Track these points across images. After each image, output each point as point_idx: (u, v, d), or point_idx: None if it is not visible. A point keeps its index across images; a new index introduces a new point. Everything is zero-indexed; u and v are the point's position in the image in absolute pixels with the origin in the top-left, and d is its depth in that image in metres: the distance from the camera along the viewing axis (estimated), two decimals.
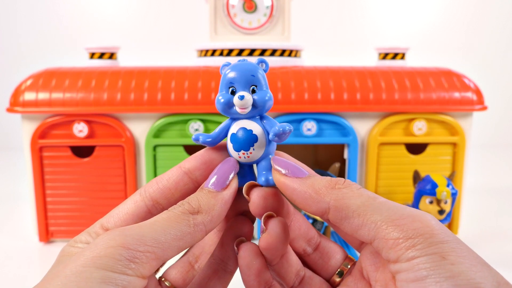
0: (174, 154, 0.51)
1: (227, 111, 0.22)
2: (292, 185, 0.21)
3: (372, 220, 0.18)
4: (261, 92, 0.22)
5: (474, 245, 0.53)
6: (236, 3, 0.55)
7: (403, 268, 0.17)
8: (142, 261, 0.18)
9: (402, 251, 0.17)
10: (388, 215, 0.18)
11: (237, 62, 0.23)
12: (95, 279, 0.16)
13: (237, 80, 0.22)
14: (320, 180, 0.20)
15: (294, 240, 0.24)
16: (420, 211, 0.19)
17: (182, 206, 0.20)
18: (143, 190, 0.23)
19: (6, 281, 0.43)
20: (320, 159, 0.65)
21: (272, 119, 0.23)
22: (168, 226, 0.19)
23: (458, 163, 0.52)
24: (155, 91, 0.49)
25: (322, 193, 0.20)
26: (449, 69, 0.54)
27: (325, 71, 0.52)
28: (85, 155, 0.51)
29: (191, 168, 0.23)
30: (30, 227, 0.57)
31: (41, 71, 0.52)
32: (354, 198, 0.19)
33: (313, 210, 0.20)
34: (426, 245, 0.17)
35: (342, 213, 0.19)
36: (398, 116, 0.51)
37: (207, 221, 0.20)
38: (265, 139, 0.22)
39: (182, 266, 0.25)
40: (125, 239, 0.18)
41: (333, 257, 0.24)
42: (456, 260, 0.17)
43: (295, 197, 0.21)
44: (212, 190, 0.21)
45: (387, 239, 0.18)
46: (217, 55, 0.55)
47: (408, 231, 0.17)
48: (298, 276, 0.23)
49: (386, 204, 0.19)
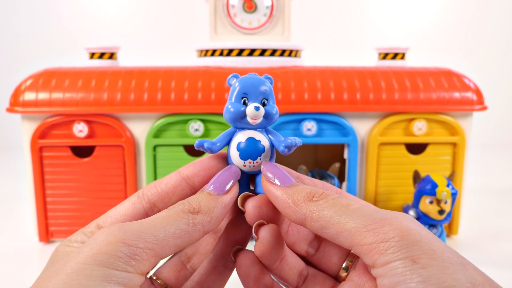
0: (174, 154, 0.51)
1: (238, 120, 0.23)
2: (275, 192, 0.21)
3: (345, 228, 0.19)
4: (270, 106, 0.23)
5: (474, 245, 0.53)
6: (236, 3, 0.55)
7: (379, 274, 0.17)
8: (142, 258, 0.18)
9: (377, 256, 0.17)
10: (360, 222, 0.18)
11: (248, 75, 0.24)
12: (96, 277, 0.16)
13: (251, 92, 0.23)
14: (300, 191, 0.21)
15: (295, 244, 0.24)
16: (394, 212, 0.19)
17: (182, 205, 0.21)
18: (141, 193, 0.23)
19: (6, 281, 0.43)
20: (320, 159, 0.65)
21: (276, 132, 0.24)
22: (167, 223, 0.19)
23: (458, 163, 0.52)
24: (155, 91, 0.49)
25: (300, 204, 0.20)
26: (449, 69, 0.54)
27: (325, 71, 0.52)
28: (85, 155, 0.51)
29: (189, 175, 0.23)
30: (30, 227, 0.57)
31: (41, 71, 0.52)
32: (327, 209, 0.19)
33: (292, 219, 0.21)
34: (397, 248, 0.17)
35: (317, 224, 0.20)
36: (398, 116, 0.51)
37: (206, 222, 0.20)
38: (270, 151, 0.24)
39: (175, 265, 0.25)
40: (125, 235, 0.18)
41: (336, 254, 0.24)
42: (427, 263, 0.16)
43: (276, 204, 0.21)
44: (213, 193, 0.22)
45: (362, 245, 0.18)
46: (217, 55, 0.54)
47: (379, 235, 0.18)
48: (301, 276, 0.23)
49: (359, 210, 0.19)
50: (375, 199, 0.53)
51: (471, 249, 0.51)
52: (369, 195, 0.52)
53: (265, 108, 0.23)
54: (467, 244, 0.53)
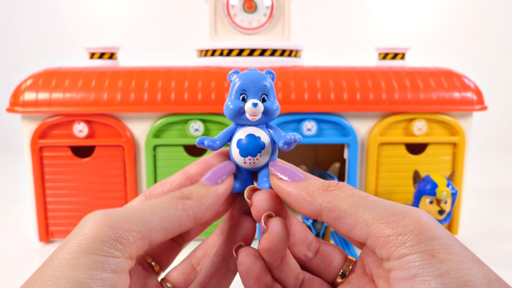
0: (174, 154, 0.51)
1: (237, 117, 0.23)
2: (287, 188, 0.21)
3: (363, 219, 0.18)
4: (270, 101, 0.23)
5: (474, 245, 0.53)
6: (236, 3, 0.55)
7: (394, 266, 0.17)
8: (128, 241, 0.18)
9: (393, 249, 0.17)
10: (378, 213, 0.18)
11: (248, 70, 0.23)
12: (82, 266, 0.16)
13: (250, 88, 0.23)
14: (313, 183, 0.21)
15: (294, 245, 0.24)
16: (412, 207, 0.19)
17: (173, 193, 0.21)
18: (148, 192, 0.23)
19: (6, 281, 0.43)
20: (320, 159, 0.65)
21: (278, 128, 0.24)
22: (155, 208, 0.19)
23: (458, 163, 0.52)
24: (155, 91, 0.49)
25: (315, 195, 0.20)
26: (449, 69, 0.54)
27: (325, 71, 0.52)
28: (85, 155, 0.51)
29: (193, 173, 0.23)
30: (30, 227, 0.57)
31: (41, 71, 0.52)
32: (345, 199, 0.19)
33: (307, 212, 0.21)
34: (416, 242, 0.17)
35: (334, 214, 0.19)
36: (398, 116, 0.51)
37: (196, 208, 0.20)
38: (271, 147, 0.23)
39: (184, 268, 0.25)
40: (110, 218, 0.18)
41: (334, 259, 0.24)
42: (445, 257, 0.16)
43: (290, 199, 0.21)
44: (206, 183, 0.22)
45: (378, 237, 0.18)
46: (217, 55, 0.55)
47: (398, 228, 0.17)
48: (297, 280, 0.23)
49: (377, 202, 0.19)
50: None
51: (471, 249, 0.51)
52: None
53: (265, 104, 0.23)
54: (467, 244, 0.53)
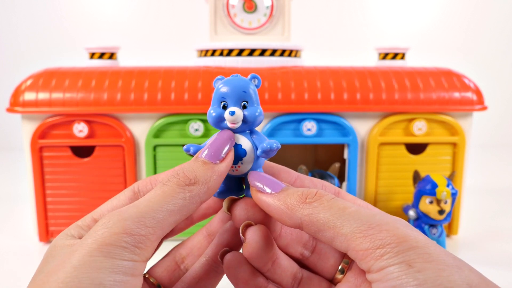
0: (174, 154, 0.51)
1: (218, 125, 0.23)
2: (267, 200, 0.21)
3: (342, 233, 0.18)
4: (251, 108, 0.23)
5: (474, 245, 0.53)
6: (236, 3, 0.55)
7: (375, 278, 0.17)
8: (146, 245, 0.18)
9: (372, 262, 0.17)
10: (356, 226, 0.18)
11: (230, 77, 0.23)
12: (105, 269, 0.17)
13: (229, 95, 0.22)
14: (292, 194, 0.20)
15: (289, 246, 0.24)
16: (391, 217, 0.19)
17: (177, 178, 0.20)
18: (136, 188, 0.23)
19: (6, 281, 0.43)
20: (320, 159, 0.65)
21: (261, 134, 0.23)
22: (164, 202, 0.19)
23: (458, 163, 0.52)
24: (155, 91, 0.49)
25: (294, 208, 0.20)
26: (449, 69, 0.54)
27: (325, 71, 0.52)
28: (85, 155, 0.51)
29: None
30: (30, 227, 0.57)
31: (41, 71, 0.52)
32: (323, 211, 0.19)
33: (288, 224, 0.20)
34: (393, 254, 0.17)
35: (314, 227, 0.19)
36: (398, 116, 0.51)
37: (203, 193, 0.20)
38: (254, 154, 0.23)
39: (169, 265, 0.25)
40: (126, 224, 0.18)
41: (332, 256, 0.24)
42: (423, 266, 0.16)
43: (270, 212, 0.21)
44: (208, 162, 0.21)
45: (357, 251, 0.18)
46: (217, 55, 0.55)
47: (375, 241, 0.18)
48: (296, 279, 0.23)
49: (356, 214, 0.19)
50: (375, 199, 0.53)
51: (471, 249, 0.51)
52: (369, 195, 0.52)
53: (244, 112, 0.22)
54: (467, 244, 0.53)
